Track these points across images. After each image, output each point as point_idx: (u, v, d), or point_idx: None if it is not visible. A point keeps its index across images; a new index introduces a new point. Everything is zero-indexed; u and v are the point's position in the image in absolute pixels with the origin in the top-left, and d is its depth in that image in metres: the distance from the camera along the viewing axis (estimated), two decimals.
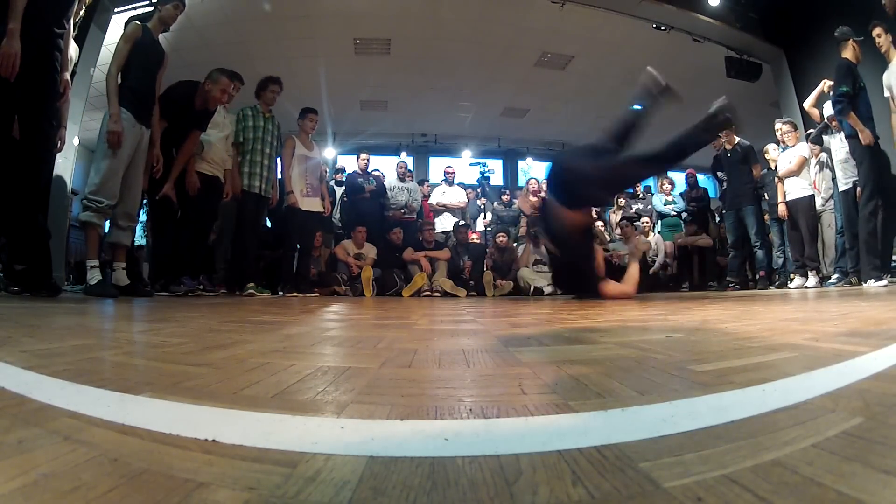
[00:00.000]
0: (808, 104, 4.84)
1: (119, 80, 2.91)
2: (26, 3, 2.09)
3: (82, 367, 0.59)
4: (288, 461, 0.30)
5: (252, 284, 3.77)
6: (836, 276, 4.37)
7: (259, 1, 5.68)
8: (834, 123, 4.34)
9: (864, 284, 3.82)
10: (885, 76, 3.89)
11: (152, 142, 3.15)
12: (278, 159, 4.27)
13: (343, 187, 5.94)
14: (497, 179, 9.07)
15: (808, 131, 4.82)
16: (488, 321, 1.41)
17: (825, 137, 4.53)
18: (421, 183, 6.73)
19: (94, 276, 2.81)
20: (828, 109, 4.40)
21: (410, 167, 6.83)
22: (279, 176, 4.33)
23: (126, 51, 2.93)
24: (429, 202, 6.25)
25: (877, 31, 3.85)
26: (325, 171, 5.13)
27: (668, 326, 1.15)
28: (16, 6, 1.97)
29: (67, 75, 2.71)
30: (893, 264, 4.04)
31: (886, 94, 3.92)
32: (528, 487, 0.26)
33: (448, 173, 6.50)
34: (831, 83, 4.33)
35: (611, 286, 2.70)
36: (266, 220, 4.66)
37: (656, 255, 5.84)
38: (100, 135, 2.90)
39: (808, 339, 0.81)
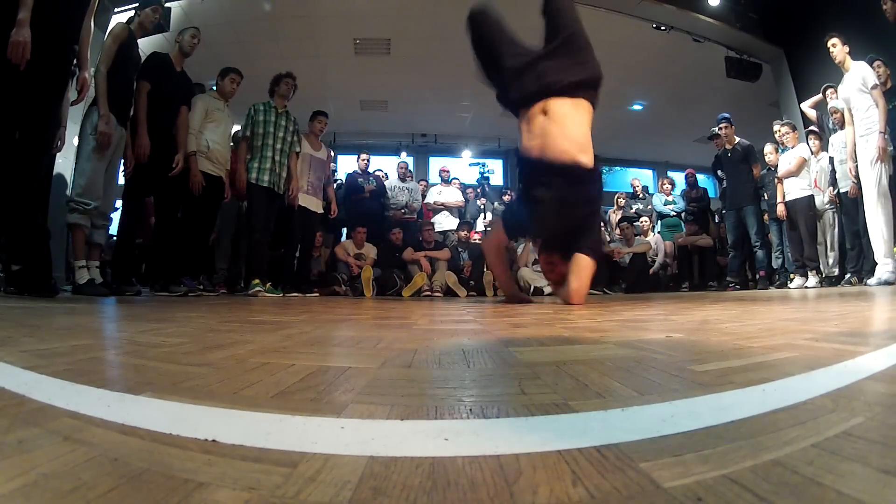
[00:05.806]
0: (805, 106, 4.82)
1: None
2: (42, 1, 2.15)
3: (82, 367, 0.59)
4: (288, 461, 0.30)
5: (258, 282, 3.67)
6: (835, 276, 4.37)
7: (259, 1, 5.68)
8: (836, 117, 4.31)
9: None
10: (840, 88, 3.86)
11: (139, 121, 3.16)
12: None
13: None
14: (497, 179, 9.05)
15: (810, 128, 4.79)
16: (488, 321, 1.41)
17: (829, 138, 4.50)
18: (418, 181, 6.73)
19: (82, 276, 2.84)
20: (832, 103, 4.37)
21: (411, 167, 6.83)
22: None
23: (114, 50, 2.94)
24: (426, 202, 6.25)
25: (831, 41, 3.80)
26: (331, 172, 5.11)
27: (668, 326, 1.15)
28: None
29: (87, 74, 2.71)
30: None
31: (842, 105, 3.89)
32: (528, 487, 0.26)
33: (444, 172, 6.49)
34: (831, 90, 4.33)
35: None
36: None
37: (656, 255, 5.84)
38: (83, 136, 2.90)
39: (808, 339, 0.80)
